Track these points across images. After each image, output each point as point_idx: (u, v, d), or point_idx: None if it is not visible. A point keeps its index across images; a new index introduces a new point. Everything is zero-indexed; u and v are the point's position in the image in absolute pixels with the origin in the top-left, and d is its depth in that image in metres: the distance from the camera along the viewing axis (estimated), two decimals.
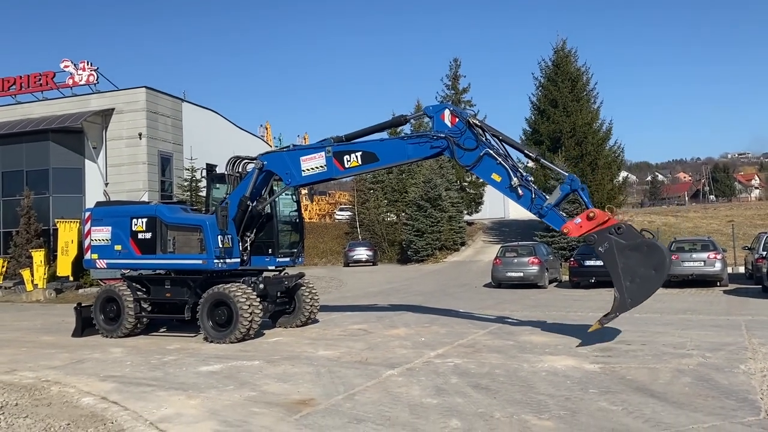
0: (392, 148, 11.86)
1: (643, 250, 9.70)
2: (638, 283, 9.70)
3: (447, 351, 9.97)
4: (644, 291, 9.80)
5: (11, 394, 7.82)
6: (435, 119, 11.26)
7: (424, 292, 21.17)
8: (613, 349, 9.70)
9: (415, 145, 11.52)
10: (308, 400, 7.20)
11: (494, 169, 10.85)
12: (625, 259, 9.70)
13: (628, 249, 9.72)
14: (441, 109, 11.32)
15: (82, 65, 30.86)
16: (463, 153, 10.96)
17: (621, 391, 7.17)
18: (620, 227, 9.84)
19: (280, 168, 12.40)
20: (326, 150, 11.92)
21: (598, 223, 9.96)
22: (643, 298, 9.88)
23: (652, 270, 9.62)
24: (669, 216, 42.01)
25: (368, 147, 11.83)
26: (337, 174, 12.17)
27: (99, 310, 12.89)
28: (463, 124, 10.94)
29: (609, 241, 9.83)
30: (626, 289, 9.77)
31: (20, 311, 20.45)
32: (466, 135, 10.92)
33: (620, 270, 9.76)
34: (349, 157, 11.75)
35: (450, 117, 11.09)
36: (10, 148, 30.99)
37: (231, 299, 11.39)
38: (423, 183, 36.56)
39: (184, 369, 9.21)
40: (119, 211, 13.08)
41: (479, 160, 10.88)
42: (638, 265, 9.65)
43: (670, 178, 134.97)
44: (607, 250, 9.87)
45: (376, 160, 11.73)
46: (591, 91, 35.50)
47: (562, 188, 10.61)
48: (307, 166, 12.08)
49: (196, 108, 34.48)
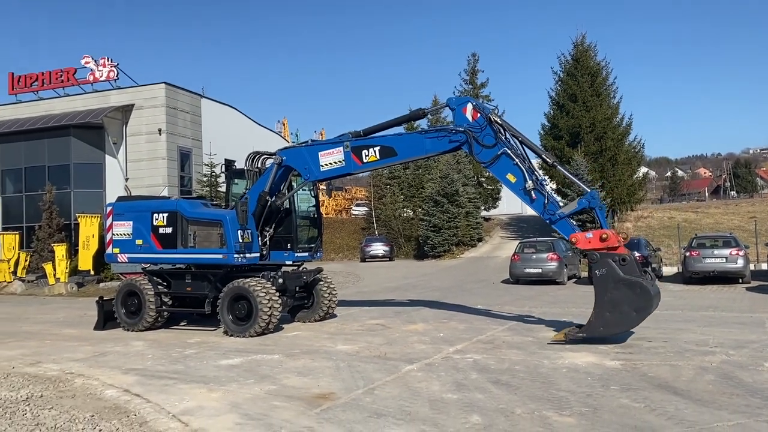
0: (410, 142, 11.84)
1: (636, 291, 9.59)
2: (616, 317, 9.71)
3: (466, 347, 9.95)
4: (619, 326, 9.84)
5: (36, 386, 7.94)
6: (456, 112, 11.19)
7: (442, 288, 21.14)
8: (634, 346, 9.62)
9: (434, 140, 11.47)
10: (328, 394, 7.23)
11: (510, 169, 10.77)
12: (616, 291, 9.67)
13: (622, 282, 9.64)
14: (464, 102, 11.25)
15: (103, 61, 31.19)
16: (481, 149, 10.89)
17: (643, 388, 7.11)
18: (625, 259, 9.75)
19: (299, 163, 12.44)
20: (344, 145, 11.94)
21: (608, 246, 9.89)
22: (615, 331, 9.90)
23: (634, 311, 9.63)
24: (689, 212, 41.51)
25: (386, 141, 11.83)
26: (356, 169, 12.18)
27: (120, 304, 13.05)
28: (484, 120, 10.87)
29: (609, 267, 9.73)
30: (603, 318, 9.79)
31: (43, 304, 20.76)
32: (485, 131, 10.84)
33: (606, 299, 9.74)
34: (368, 151, 11.77)
35: (472, 111, 11.02)
36: (32, 144, 31.41)
37: (251, 293, 11.46)
38: (440, 178, 36.47)
39: (204, 362, 9.29)
40: (140, 206, 13.21)
41: (497, 158, 10.80)
42: (624, 302, 9.62)
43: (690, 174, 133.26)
44: (603, 275, 9.79)
45: (394, 154, 11.73)
46: (610, 85, 35.17)
47: (580, 202, 10.56)
48: (326, 161, 12.11)
49: (214, 104, 34.71)
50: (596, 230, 10.09)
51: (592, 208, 10.46)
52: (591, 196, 10.50)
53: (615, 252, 9.87)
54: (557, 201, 10.81)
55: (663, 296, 16.69)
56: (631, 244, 21.30)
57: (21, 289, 26.04)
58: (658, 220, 38.18)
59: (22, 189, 31.87)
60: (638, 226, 35.88)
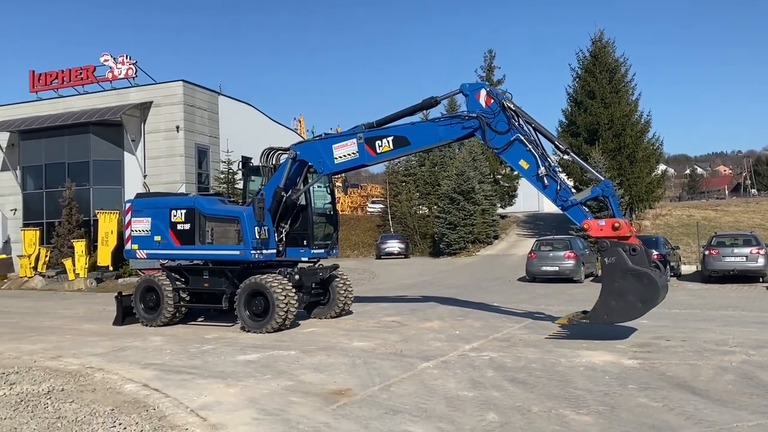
0: (423, 130, 11.84)
1: (643, 281, 9.56)
2: (621, 307, 9.70)
3: (482, 344, 9.93)
4: (623, 316, 9.84)
5: (57, 380, 8.06)
6: (470, 98, 11.22)
7: (458, 286, 21.11)
8: (652, 345, 9.54)
9: (447, 127, 11.49)
10: (345, 390, 7.26)
11: (523, 155, 10.77)
12: (623, 280, 9.64)
13: (630, 272, 9.61)
14: (478, 88, 11.27)
15: (122, 59, 31.46)
16: (494, 135, 10.91)
17: (661, 387, 7.06)
18: (636, 249, 9.72)
19: (313, 157, 12.50)
20: (358, 137, 12.00)
21: (619, 235, 9.84)
22: (618, 320, 9.94)
23: (640, 302, 9.60)
24: (708, 210, 41.04)
25: (399, 131, 11.87)
26: (370, 160, 12.19)
27: (139, 300, 13.19)
28: (498, 106, 10.88)
29: (619, 256, 9.70)
30: (608, 307, 9.80)
31: (63, 300, 21.05)
32: (498, 117, 10.86)
33: (613, 287, 9.74)
34: (381, 142, 11.82)
35: (485, 97, 11.04)
36: (52, 141, 31.81)
37: (267, 289, 11.53)
38: (456, 176, 36.36)
39: (222, 358, 9.38)
40: (159, 203, 13.34)
41: (509, 144, 10.82)
42: (630, 292, 9.60)
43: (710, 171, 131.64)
44: (612, 263, 9.78)
45: (407, 144, 11.77)
46: (629, 82, 34.81)
47: (593, 190, 10.54)
48: (340, 153, 12.16)
49: (231, 101, 34.89)
50: (609, 218, 10.05)
51: (606, 197, 10.44)
52: (605, 185, 10.50)
53: (626, 242, 9.82)
54: (570, 188, 10.77)
55: (681, 295, 16.66)
56: (650, 242, 21.12)
57: (41, 285, 26.42)
58: (676, 218, 37.80)
59: (42, 186, 32.28)
60: (656, 224, 35.55)
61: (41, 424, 6.14)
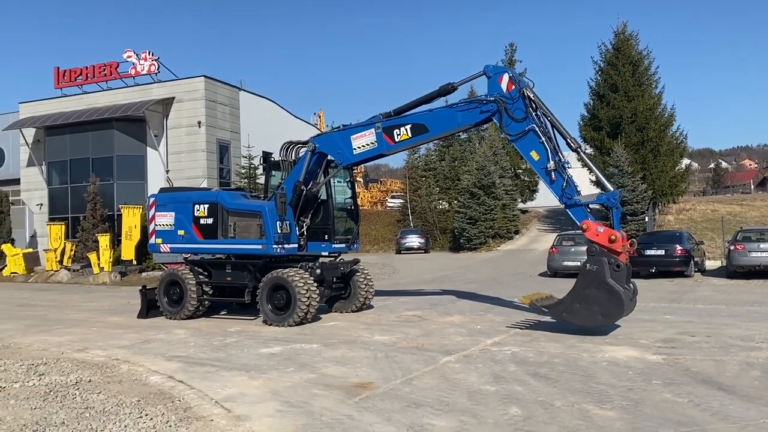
0: (441, 117, 11.78)
1: (613, 299, 9.64)
2: (583, 313, 9.88)
3: (503, 339, 9.91)
4: (580, 321, 10.00)
5: (85, 371, 8.21)
6: (492, 80, 11.12)
7: (478, 280, 21.05)
8: (676, 341, 9.44)
9: (465, 112, 11.44)
10: (367, 383, 7.29)
11: (536, 146, 10.71)
12: (596, 290, 9.72)
13: (605, 286, 9.66)
14: (501, 71, 11.16)
15: (144, 55, 31.78)
16: (511, 122, 10.86)
17: (686, 383, 6.99)
18: (619, 266, 9.76)
19: (332, 148, 12.56)
20: (376, 126, 12.03)
21: (612, 248, 9.84)
22: (574, 323, 10.08)
23: (601, 315, 9.77)
24: (734, 204, 40.31)
25: (417, 119, 11.85)
26: (388, 149, 12.19)
27: (163, 293, 13.35)
28: (518, 93, 10.80)
29: (601, 267, 9.73)
30: (571, 307, 10.00)
31: (88, 293, 21.38)
32: (517, 104, 10.80)
33: (584, 292, 9.86)
34: (399, 130, 11.83)
35: (507, 82, 10.94)
36: (77, 137, 32.29)
37: (289, 283, 11.61)
38: (476, 170, 36.19)
39: (245, 351, 9.47)
40: (182, 197, 13.49)
41: (524, 133, 10.76)
42: (597, 303, 9.72)
43: (735, 166, 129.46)
44: (592, 270, 9.82)
45: (426, 131, 11.75)
46: (652, 75, 34.31)
47: (599, 197, 10.49)
48: (358, 143, 12.21)
49: (252, 96, 35.10)
50: (609, 229, 10.02)
51: (610, 207, 10.39)
52: (612, 196, 10.44)
53: (615, 255, 9.84)
54: (576, 186, 10.70)
55: (706, 291, 16.47)
56: (674, 237, 20.93)
57: (67, 278, 26.86)
58: (700, 212, 37.20)
59: (67, 181, 32.80)
60: (680, 219, 35.04)
61: (70, 414, 6.26)
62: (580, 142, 10.86)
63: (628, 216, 28.56)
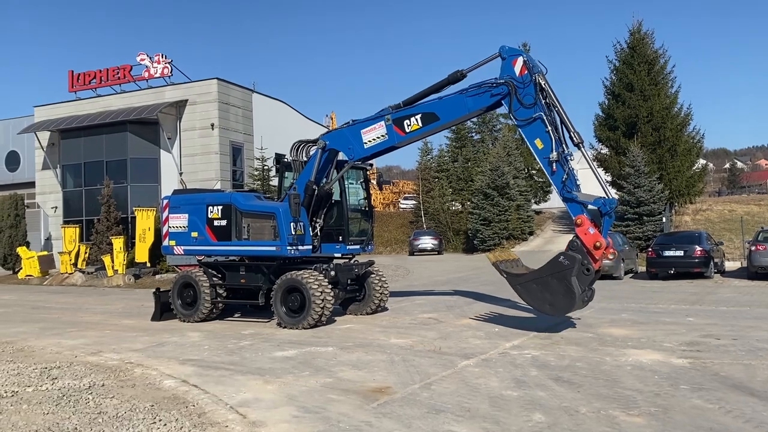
0: (451, 104, 11.59)
1: (567, 296, 9.93)
2: (535, 295, 10.37)
3: (523, 342, 9.70)
4: (529, 299, 10.57)
5: (98, 375, 8.10)
6: (506, 62, 10.93)
7: (494, 282, 20.70)
8: (701, 344, 9.19)
9: (475, 97, 11.26)
10: (385, 388, 7.12)
11: (541, 135, 10.57)
12: (557, 282, 10.03)
13: (566, 282, 9.91)
14: (516, 54, 10.91)
15: (157, 58, 31.85)
16: (519, 107, 10.72)
17: (715, 388, 6.74)
18: (589, 270, 9.96)
19: (342, 144, 12.45)
20: (385, 119, 11.91)
21: (592, 253, 9.94)
22: (523, 299, 10.72)
23: (549, 305, 10.24)
24: (752, 205, 39.69)
25: (427, 108, 11.70)
26: (399, 140, 12.00)
27: (177, 296, 13.26)
28: (530, 78, 10.63)
29: (572, 264, 9.92)
30: (528, 284, 10.50)
31: (102, 295, 21.39)
32: (527, 90, 10.64)
33: (546, 277, 10.23)
34: (409, 121, 11.70)
35: (521, 66, 10.75)
36: (91, 140, 32.43)
37: (304, 286, 11.47)
38: (490, 171, 35.91)
39: (260, 354, 9.33)
40: (196, 199, 13.38)
41: (532, 120, 10.62)
42: (552, 293, 10.11)
43: (751, 165, 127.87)
44: (561, 262, 10.07)
45: (436, 119, 11.59)
46: (668, 74, 33.84)
47: (596, 201, 10.31)
48: (369, 137, 12.10)
49: (265, 99, 35.09)
50: (599, 234, 10.01)
51: (603, 214, 10.29)
52: (609, 202, 10.33)
53: (591, 260, 9.96)
54: (577, 181, 10.56)
55: (727, 292, 16.16)
56: (693, 238, 20.56)
57: (81, 281, 26.92)
58: (717, 213, 36.66)
59: (81, 183, 32.93)
60: (697, 220, 34.55)
61: (83, 419, 6.14)
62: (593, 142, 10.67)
63: (644, 216, 28.17)
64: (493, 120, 47.22)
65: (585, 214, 10.21)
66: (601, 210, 10.28)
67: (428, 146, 45.68)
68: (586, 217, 10.15)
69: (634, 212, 28.33)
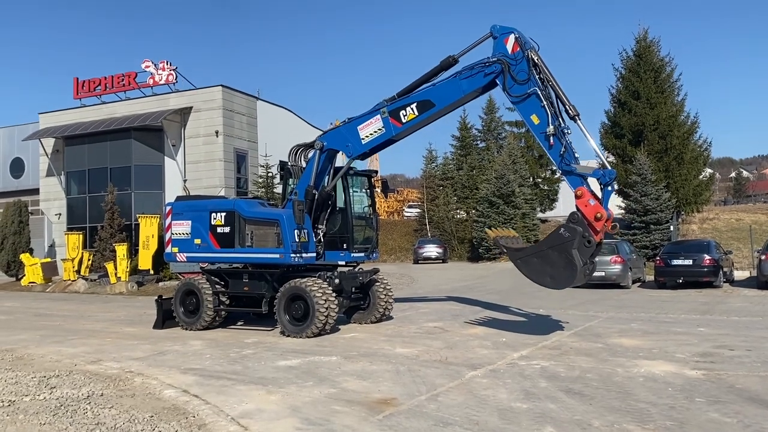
0: (446, 88, 11.48)
1: (568, 269, 9.85)
2: (536, 268, 10.30)
3: (531, 352, 9.48)
4: (530, 274, 10.48)
5: (97, 384, 7.93)
6: (498, 40, 10.88)
7: (500, 291, 20.56)
8: (714, 355, 8.96)
9: (469, 78, 11.16)
10: (390, 399, 6.92)
11: (536, 110, 10.51)
12: (558, 254, 9.96)
13: (567, 254, 9.83)
14: (508, 31, 10.84)
15: (162, 65, 31.84)
16: (513, 84, 10.67)
17: (732, 401, 6.53)
18: (590, 242, 9.84)
19: (340, 142, 12.35)
20: (381, 112, 11.84)
21: (592, 224, 9.82)
22: (524, 273, 10.62)
23: (550, 277, 10.17)
24: (759, 214, 39.38)
25: (422, 96, 11.62)
26: (396, 131, 11.86)
27: (179, 303, 13.09)
28: (522, 55, 10.58)
29: (573, 236, 9.83)
30: (529, 258, 10.47)
31: (105, 303, 21.23)
32: (520, 66, 10.59)
33: (546, 251, 10.21)
34: (405, 111, 11.63)
35: (513, 43, 10.71)
36: (95, 146, 32.38)
37: (307, 294, 11.29)
38: (495, 179, 35.72)
39: (262, 363, 9.14)
40: (199, 206, 13.23)
41: (527, 96, 10.54)
42: (553, 266, 10.03)
43: (756, 175, 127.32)
44: (562, 234, 10.00)
45: (432, 106, 11.49)
46: (675, 82, 33.65)
47: (595, 172, 10.27)
48: (366, 132, 12.01)
49: (269, 106, 35.03)
50: (600, 205, 9.91)
51: (603, 185, 10.24)
52: (609, 173, 10.28)
53: (592, 232, 9.84)
54: (575, 153, 10.49)
55: (738, 302, 15.89)
56: (701, 247, 20.31)
57: (84, 288, 26.77)
58: (724, 222, 36.36)
59: (85, 190, 32.86)
60: (704, 228, 34.26)
61: (80, 430, 5.96)
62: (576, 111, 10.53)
63: (651, 225, 27.93)
64: (498, 128, 47.10)
65: (585, 186, 10.16)
66: (600, 181, 10.25)
67: (433, 154, 45.60)
68: (586, 188, 10.11)
69: (641, 221, 28.10)
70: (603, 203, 10.04)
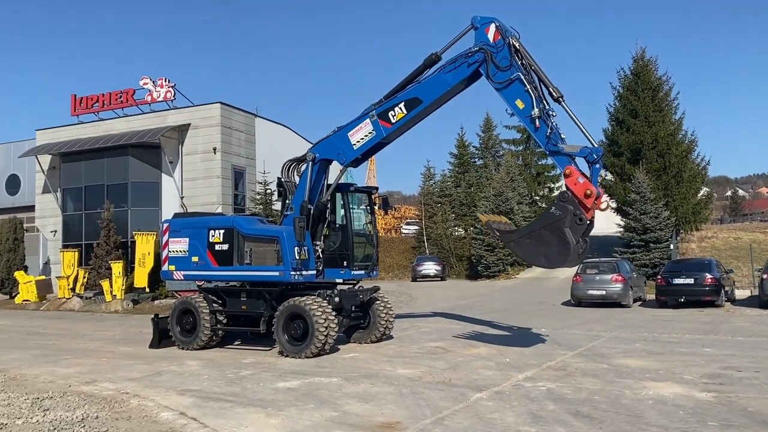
0: (431, 84, 11.61)
1: (561, 247, 9.81)
2: (530, 249, 10.25)
3: (536, 374, 9.29)
4: (525, 255, 10.58)
5: (92, 406, 7.70)
6: (479, 31, 11.10)
7: (500, 310, 20.36)
8: (723, 376, 8.79)
9: (453, 71, 11.33)
10: (394, 423, 6.72)
11: (521, 95, 10.65)
12: (550, 234, 9.92)
13: (560, 233, 9.82)
14: (488, 21, 11.07)
15: (160, 82, 31.77)
16: (497, 71, 10.85)
17: (746, 425, 6.35)
18: (582, 219, 9.85)
19: (331, 151, 12.35)
20: (370, 116, 11.92)
21: (583, 201, 9.82)
22: (519, 255, 10.75)
23: (545, 257, 10.14)
24: (757, 232, 39.36)
25: (409, 94, 11.73)
26: (387, 132, 11.89)
27: (175, 322, 12.86)
28: (503, 42, 10.76)
29: (564, 215, 9.81)
30: (522, 239, 10.42)
31: (100, 321, 20.95)
32: (502, 53, 10.78)
33: (538, 230, 10.17)
34: (393, 111, 11.73)
35: (494, 32, 10.94)
36: (92, 163, 32.15)
37: (307, 312, 11.10)
38: (494, 196, 35.67)
39: (261, 384, 8.92)
40: (197, 223, 13.07)
41: (510, 82, 10.71)
42: (546, 245, 9.98)
43: (752, 194, 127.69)
44: (554, 214, 9.97)
45: (419, 102, 11.59)
46: (672, 101, 33.78)
47: (583, 150, 10.30)
48: (357, 137, 12.06)
49: (268, 123, 34.95)
50: (589, 182, 9.93)
51: (591, 163, 10.27)
52: (596, 151, 10.31)
53: (582, 209, 9.82)
54: (561, 134, 10.52)
55: (741, 321, 15.74)
56: (703, 265, 20.19)
57: (79, 306, 26.47)
58: (723, 240, 36.31)
59: (82, 207, 32.60)
60: (702, 247, 34.18)
61: None
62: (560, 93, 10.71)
63: (651, 243, 27.82)
64: (495, 145, 47.21)
65: (573, 165, 10.20)
66: (588, 159, 10.28)
67: (431, 171, 45.57)
68: (574, 167, 10.16)
69: (640, 239, 27.98)
70: (592, 180, 10.09)
